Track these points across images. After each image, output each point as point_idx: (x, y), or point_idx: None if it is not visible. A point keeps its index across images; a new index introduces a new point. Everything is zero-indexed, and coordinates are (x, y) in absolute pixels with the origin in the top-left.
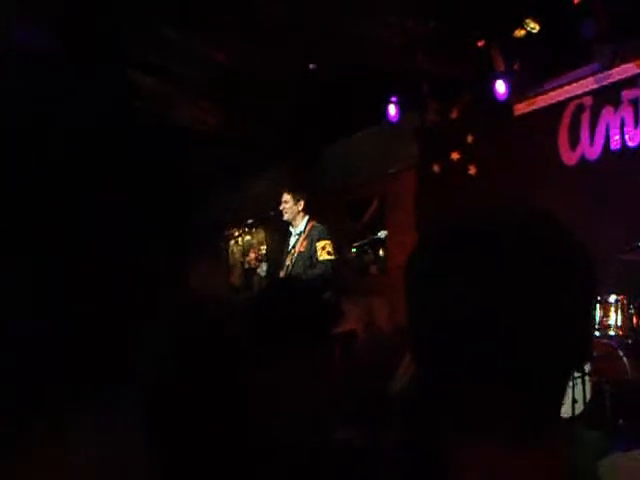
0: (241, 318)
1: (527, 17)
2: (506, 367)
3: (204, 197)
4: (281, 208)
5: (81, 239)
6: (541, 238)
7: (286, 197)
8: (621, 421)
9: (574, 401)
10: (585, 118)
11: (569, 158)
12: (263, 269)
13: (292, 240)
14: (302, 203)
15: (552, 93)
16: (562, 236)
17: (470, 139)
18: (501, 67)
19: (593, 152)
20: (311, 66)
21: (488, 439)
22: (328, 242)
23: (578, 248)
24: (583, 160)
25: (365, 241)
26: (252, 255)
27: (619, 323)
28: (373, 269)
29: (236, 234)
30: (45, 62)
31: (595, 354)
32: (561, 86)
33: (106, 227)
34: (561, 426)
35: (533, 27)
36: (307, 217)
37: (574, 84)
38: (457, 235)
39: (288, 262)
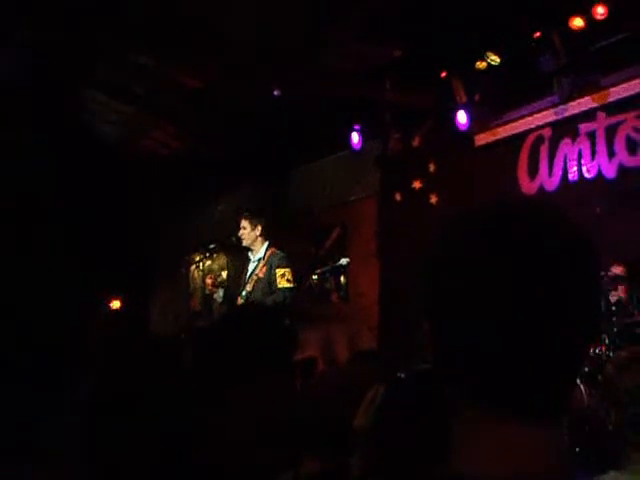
0: (200, 345)
1: (488, 50)
2: (522, 346)
3: (166, 221)
4: (239, 234)
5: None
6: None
7: (244, 223)
8: (577, 449)
9: None
10: (544, 149)
11: (528, 188)
12: (220, 295)
13: (251, 266)
14: (260, 228)
15: (512, 124)
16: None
17: (432, 168)
18: (463, 98)
19: (551, 183)
20: (275, 92)
21: (507, 416)
22: (288, 270)
23: (580, 233)
24: (542, 190)
25: (327, 268)
26: (209, 281)
27: None
28: (334, 296)
29: (197, 259)
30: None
31: None
32: (521, 117)
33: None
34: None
35: (494, 60)
36: (267, 243)
37: (534, 115)
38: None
39: (249, 288)
